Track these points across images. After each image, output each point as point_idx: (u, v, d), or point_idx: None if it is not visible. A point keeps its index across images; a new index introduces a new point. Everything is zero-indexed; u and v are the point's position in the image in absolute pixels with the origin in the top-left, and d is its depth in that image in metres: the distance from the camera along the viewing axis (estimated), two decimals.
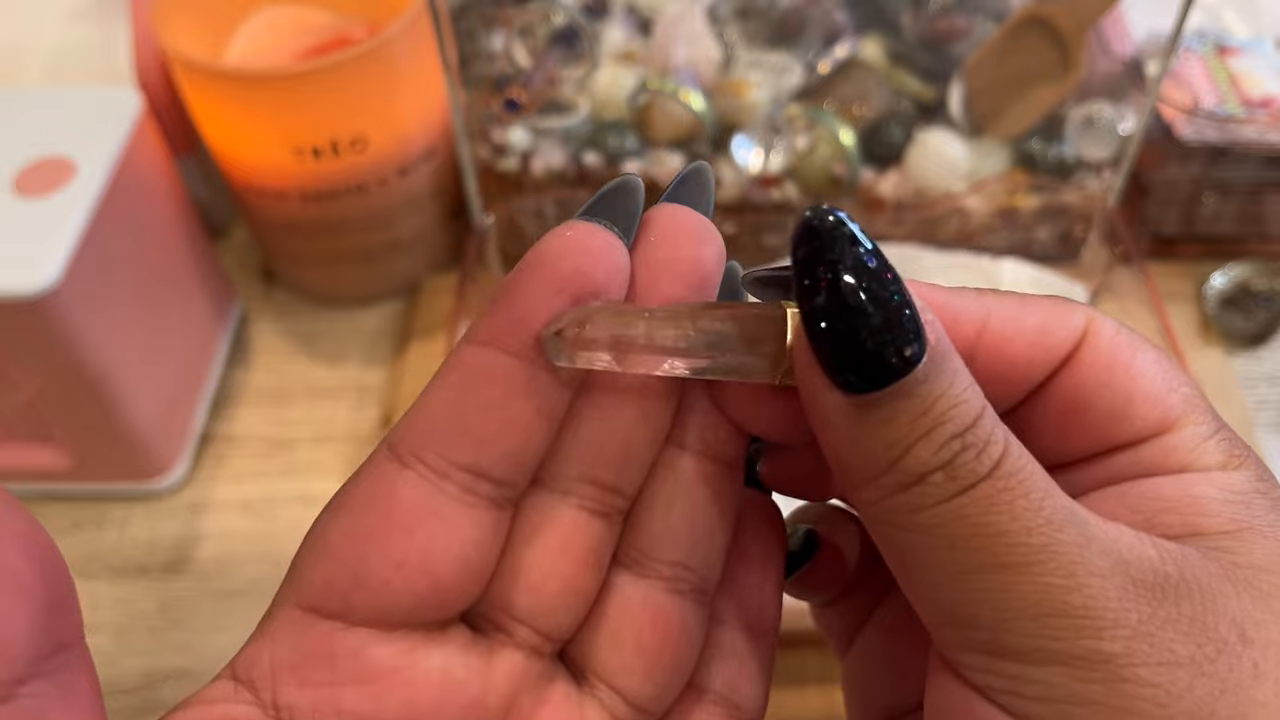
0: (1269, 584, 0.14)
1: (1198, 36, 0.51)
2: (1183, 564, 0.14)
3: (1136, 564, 0.14)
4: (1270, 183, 0.48)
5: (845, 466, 0.15)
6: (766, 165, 0.47)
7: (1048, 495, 0.14)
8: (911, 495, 0.14)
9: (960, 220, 0.48)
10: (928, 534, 0.14)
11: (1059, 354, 0.16)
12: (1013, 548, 0.14)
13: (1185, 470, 0.16)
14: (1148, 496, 0.16)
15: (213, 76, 0.42)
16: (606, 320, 0.16)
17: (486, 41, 0.50)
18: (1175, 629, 0.14)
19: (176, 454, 0.45)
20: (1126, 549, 0.14)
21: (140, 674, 0.40)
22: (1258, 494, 0.16)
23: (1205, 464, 0.16)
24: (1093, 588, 0.14)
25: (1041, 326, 0.16)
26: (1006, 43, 0.46)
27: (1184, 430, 0.16)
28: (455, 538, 0.16)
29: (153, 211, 0.43)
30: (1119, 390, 0.16)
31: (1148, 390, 0.16)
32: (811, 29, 0.49)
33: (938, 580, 0.14)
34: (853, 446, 0.15)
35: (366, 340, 0.50)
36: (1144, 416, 0.16)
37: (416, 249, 0.50)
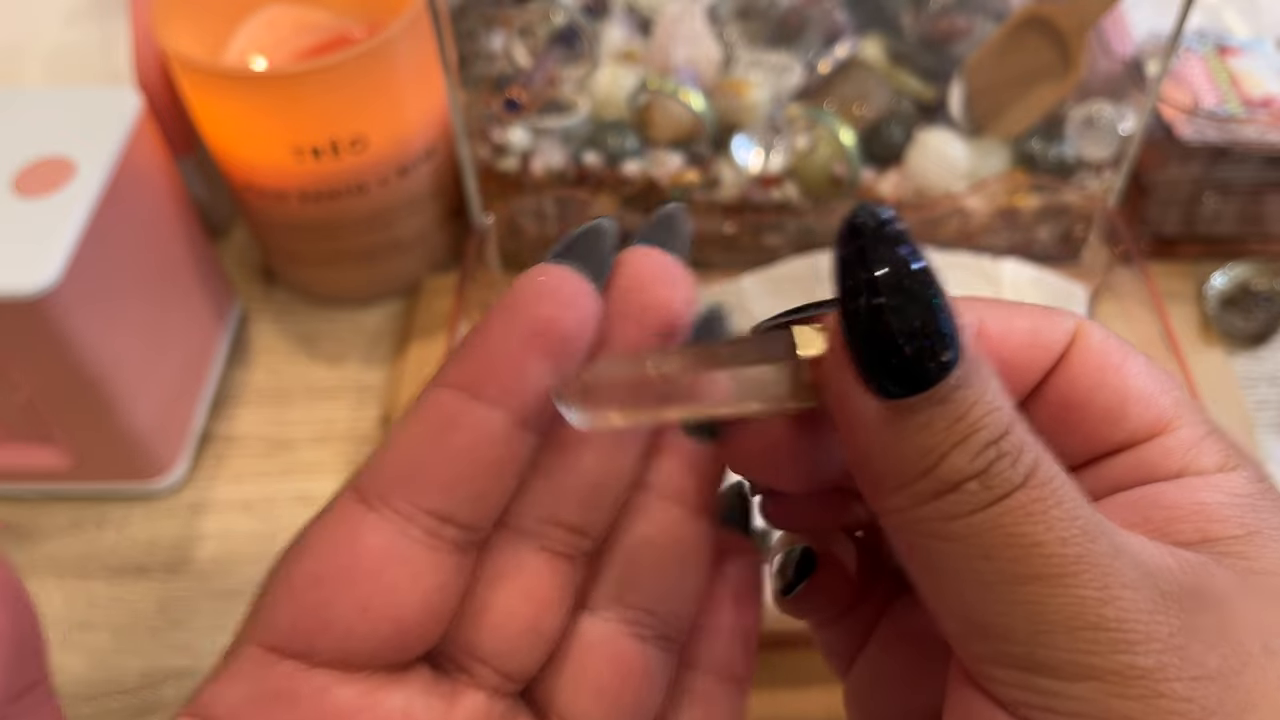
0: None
1: (1198, 36, 0.51)
2: (1201, 574, 0.14)
3: (1162, 575, 0.14)
4: (1271, 183, 0.48)
5: (876, 474, 0.15)
6: (766, 165, 0.47)
7: (1080, 505, 0.14)
8: (945, 503, 0.14)
9: (960, 220, 0.48)
10: (961, 543, 0.14)
11: (1052, 355, 0.16)
12: (1048, 559, 0.14)
13: (1184, 473, 0.16)
14: (1158, 505, 0.16)
15: (212, 76, 0.42)
16: (618, 373, 0.16)
17: (486, 41, 0.50)
18: (1203, 641, 0.14)
19: (176, 454, 0.45)
20: (1150, 560, 0.14)
21: (140, 674, 0.40)
22: (1260, 495, 0.16)
23: (1203, 466, 0.16)
24: (1125, 600, 0.13)
25: (1033, 329, 0.16)
26: (1007, 43, 0.46)
27: (1179, 431, 0.16)
28: (419, 583, 0.16)
29: (153, 211, 0.43)
30: (1113, 391, 0.16)
31: (1140, 391, 0.16)
32: (812, 29, 0.49)
33: (970, 592, 0.14)
34: (885, 453, 0.14)
35: (366, 340, 0.50)
36: (1139, 416, 0.16)
37: (417, 249, 0.50)
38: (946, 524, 0.14)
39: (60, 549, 0.44)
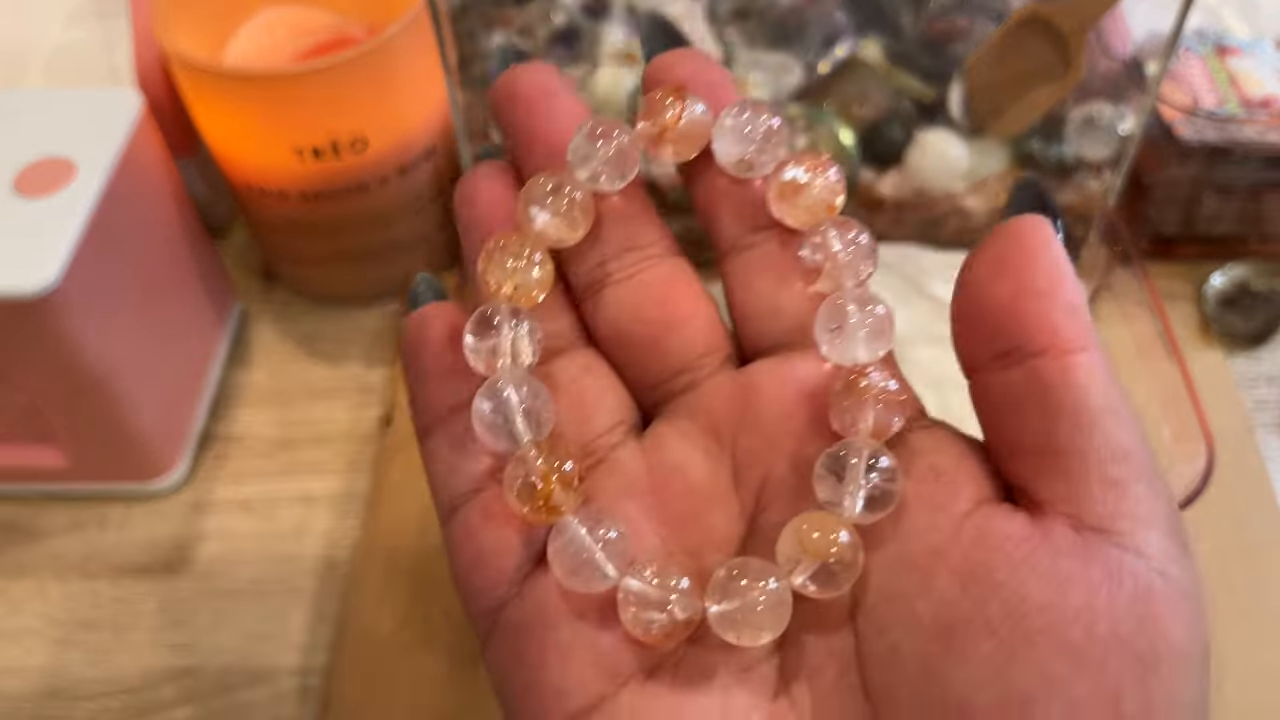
0: None
1: (1197, 37, 0.51)
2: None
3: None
4: (1270, 183, 0.48)
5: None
6: None
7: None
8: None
9: (960, 220, 0.48)
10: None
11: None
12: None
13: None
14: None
15: (213, 77, 0.42)
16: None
17: (486, 42, 0.50)
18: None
19: (176, 454, 0.45)
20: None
21: (139, 674, 0.40)
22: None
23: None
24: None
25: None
26: (1006, 43, 0.46)
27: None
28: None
29: (153, 212, 0.43)
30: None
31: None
32: (811, 29, 0.49)
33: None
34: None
35: (367, 340, 0.51)
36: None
37: (417, 249, 0.50)
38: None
39: (61, 549, 0.44)
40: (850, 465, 0.17)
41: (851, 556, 0.16)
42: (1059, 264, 0.17)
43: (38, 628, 0.41)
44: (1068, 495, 0.16)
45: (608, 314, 0.19)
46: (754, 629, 0.17)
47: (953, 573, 0.16)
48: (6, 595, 0.42)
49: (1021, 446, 0.17)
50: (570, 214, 0.18)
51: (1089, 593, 0.15)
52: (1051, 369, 0.16)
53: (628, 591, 0.17)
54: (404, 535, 0.42)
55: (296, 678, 0.40)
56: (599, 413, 0.19)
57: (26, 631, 0.41)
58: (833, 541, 0.16)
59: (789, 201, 0.19)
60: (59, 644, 0.41)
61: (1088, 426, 0.16)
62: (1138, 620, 0.15)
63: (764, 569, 0.17)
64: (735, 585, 0.17)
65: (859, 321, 0.18)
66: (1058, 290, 0.16)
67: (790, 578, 0.17)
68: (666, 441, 0.19)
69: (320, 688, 0.39)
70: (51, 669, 0.40)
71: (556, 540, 0.17)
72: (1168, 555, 0.16)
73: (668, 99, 0.19)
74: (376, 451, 0.46)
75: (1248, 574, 0.39)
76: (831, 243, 0.18)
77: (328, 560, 0.43)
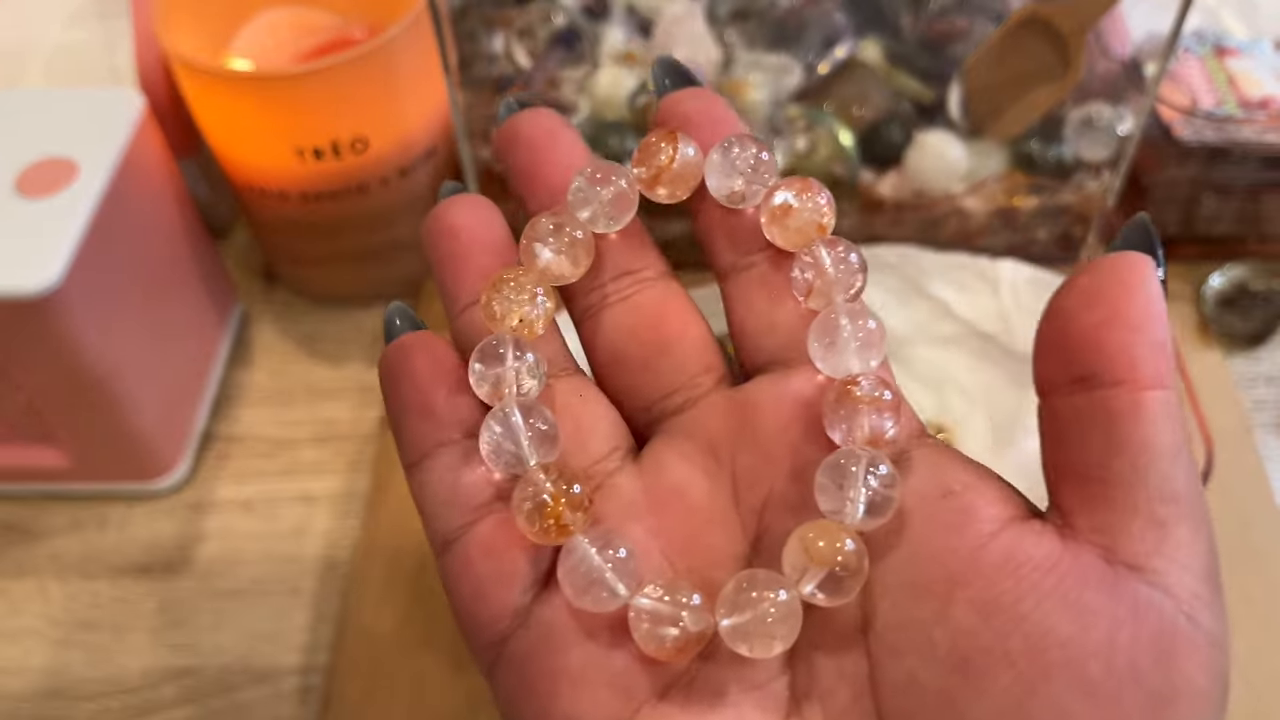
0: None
1: (1196, 37, 0.51)
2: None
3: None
4: (1269, 183, 0.48)
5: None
6: None
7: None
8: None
9: (959, 221, 0.48)
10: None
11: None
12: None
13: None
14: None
15: (214, 77, 0.42)
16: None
17: (487, 43, 0.50)
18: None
19: (178, 454, 0.45)
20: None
21: (140, 674, 0.40)
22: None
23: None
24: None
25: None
26: (1005, 44, 0.46)
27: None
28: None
29: (154, 212, 0.43)
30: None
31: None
32: (811, 30, 0.49)
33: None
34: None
35: (368, 340, 0.51)
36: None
37: (417, 249, 0.50)
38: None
39: (61, 549, 0.44)
40: (850, 473, 0.17)
41: (857, 563, 0.17)
42: (1153, 302, 0.16)
43: (38, 628, 0.41)
44: (1108, 526, 0.16)
45: (604, 335, 0.20)
46: (766, 640, 0.17)
47: (971, 601, 0.16)
48: (6, 595, 0.42)
49: (1076, 472, 0.17)
50: (573, 252, 0.19)
51: (1112, 628, 0.15)
52: (1124, 401, 0.16)
53: (639, 610, 0.17)
54: (404, 535, 0.42)
55: (297, 677, 0.40)
56: (595, 438, 0.19)
57: (27, 632, 0.41)
58: (839, 549, 0.16)
59: (779, 224, 0.19)
60: (59, 644, 0.41)
61: (1146, 464, 0.16)
62: (1157, 658, 0.15)
63: (772, 580, 0.17)
64: (745, 597, 0.17)
65: (850, 334, 0.18)
66: (1146, 326, 0.16)
67: (799, 587, 0.17)
68: (665, 462, 0.19)
69: (321, 687, 0.39)
70: (52, 669, 0.40)
71: (566, 561, 0.17)
72: (1199, 600, 0.16)
73: (661, 143, 0.19)
74: (377, 451, 0.46)
75: (1247, 574, 0.39)
76: (822, 260, 0.19)
77: (328, 560, 0.43)
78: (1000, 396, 0.43)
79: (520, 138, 0.20)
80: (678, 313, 0.20)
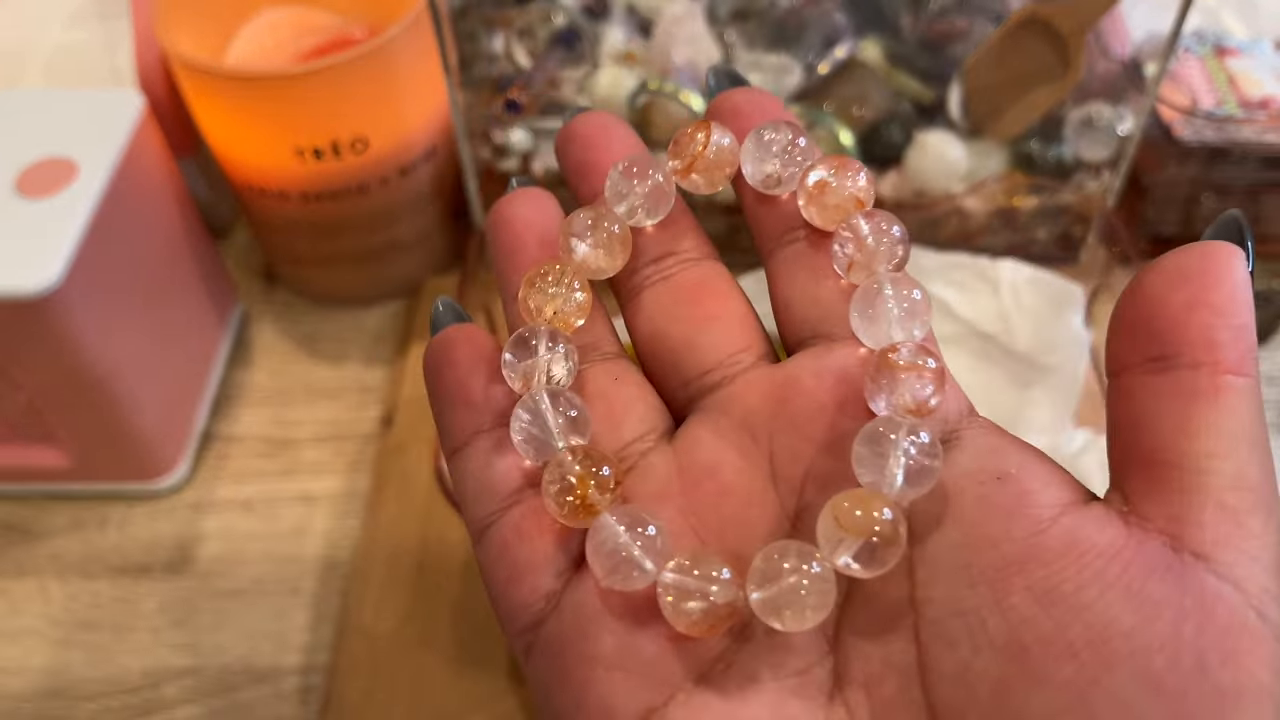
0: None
1: (1196, 37, 0.51)
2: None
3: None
4: (1269, 183, 0.48)
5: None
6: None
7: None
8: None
9: (959, 221, 0.48)
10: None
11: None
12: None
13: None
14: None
15: (214, 78, 0.42)
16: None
17: (487, 43, 0.50)
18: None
19: (178, 454, 0.45)
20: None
21: (141, 674, 0.40)
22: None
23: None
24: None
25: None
26: (1005, 44, 0.46)
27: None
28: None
29: (154, 212, 0.43)
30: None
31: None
32: (811, 30, 0.49)
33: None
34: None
35: (368, 340, 0.51)
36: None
37: (417, 249, 0.50)
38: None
39: (62, 549, 0.44)
40: (889, 440, 0.16)
41: (893, 533, 0.16)
42: (1241, 289, 0.16)
43: (38, 628, 0.41)
44: (1177, 514, 0.15)
45: (645, 315, 0.20)
46: (798, 612, 0.16)
47: (1030, 589, 0.15)
48: (7, 595, 0.42)
49: (1145, 455, 0.16)
50: (610, 245, 0.19)
51: (1178, 620, 0.15)
52: (1204, 383, 0.16)
53: (666, 585, 0.17)
54: (404, 535, 0.42)
55: (297, 677, 0.40)
56: (628, 420, 0.19)
57: (27, 632, 0.41)
58: (875, 519, 0.16)
59: (817, 203, 0.19)
60: (59, 644, 0.41)
61: (1220, 451, 0.15)
62: (1225, 654, 0.14)
63: (804, 551, 0.16)
64: (775, 568, 0.16)
65: (894, 304, 0.18)
66: (1232, 311, 0.16)
67: (833, 557, 0.16)
68: (699, 441, 0.19)
69: (321, 687, 0.39)
70: (52, 669, 0.40)
71: (594, 539, 0.17)
72: (1268, 593, 0.15)
73: (696, 133, 0.20)
74: (376, 451, 0.46)
75: None
76: (861, 232, 0.19)
77: (328, 560, 0.43)
78: (1000, 396, 0.43)
79: (576, 135, 0.21)
80: (718, 290, 0.20)
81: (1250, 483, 0.15)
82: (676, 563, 0.17)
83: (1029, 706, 0.15)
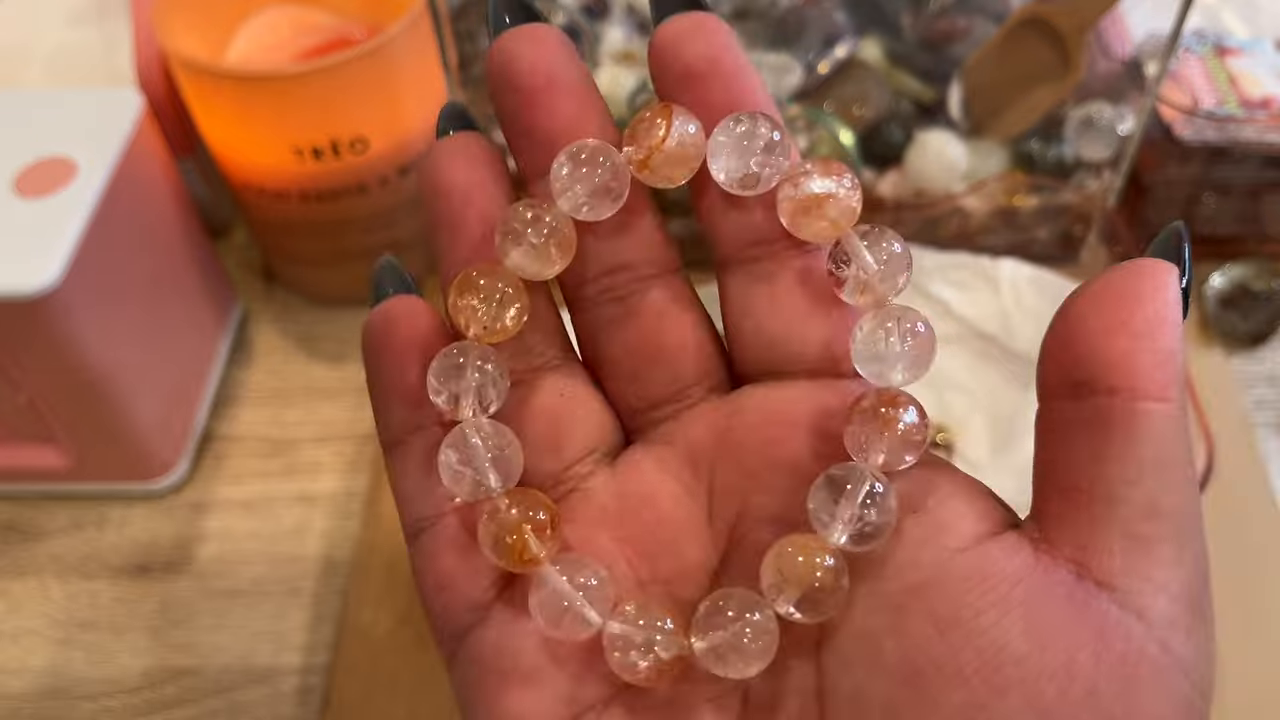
0: None
1: (1197, 37, 0.51)
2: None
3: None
4: (1269, 183, 0.48)
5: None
6: None
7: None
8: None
9: (960, 220, 0.48)
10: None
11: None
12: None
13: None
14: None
15: (213, 77, 0.42)
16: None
17: (487, 43, 0.50)
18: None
19: (177, 454, 0.45)
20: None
21: (140, 674, 0.40)
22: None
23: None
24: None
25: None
26: (1006, 43, 0.46)
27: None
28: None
29: (153, 212, 0.43)
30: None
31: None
32: (811, 30, 0.49)
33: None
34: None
35: None
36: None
37: (417, 249, 0.50)
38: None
39: (61, 549, 0.44)
40: (847, 490, 0.16)
41: (835, 582, 0.16)
42: (1165, 311, 0.15)
43: (38, 628, 0.41)
44: (1084, 542, 0.15)
45: (593, 336, 0.19)
46: (742, 659, 0.16)
47: (929, 613, 0.15)
48: (7, 595, 0.42)
49: (1060, 481, 0.16)
50: (545, 249, 0.17)
51: (1072, 649, 0.14)
52: (1118, 410, 0.15)
53: (612, 638, 0.17)
54: (403, 535, 0.42)
55: (296, 677, 0.40)
56: (571, 441, 0.18)
57: (27, 631, 0.41)
58: (817, 566, 0.16)
59: (811, 215, 0.17)
60: (59, 644, 0.41)
61: (1134, 478, 0.15)
62: (1120, 687, 0.14)
63: (748, 599, 0.16)
64: (721, 617, 0.16)
65: (899, 342, 0.17)
66: (1153, 335, 0.15)
67: (776, 605, 0.16)
68: (641, 469, 0.18)
69: (320, 687, 0.39)
70: (52, 669, 0.40)
71: (538, 592, 0.17)
72: (1174, 625, 0.15)
73: (656, 119, 0.17)
74: (376, 451, 0.46)
75: (1247, 573, 0.39)
76: (860, 253, 0.17)
77: (328, 560, 0.43)
78: (1000, 396, 0.42)
79: (510, 79, 0.17)
80: (677, 321, 0.18)
81: (1164, 511, 0.15)
82: (621, 612, 0.17)
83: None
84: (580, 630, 0.17)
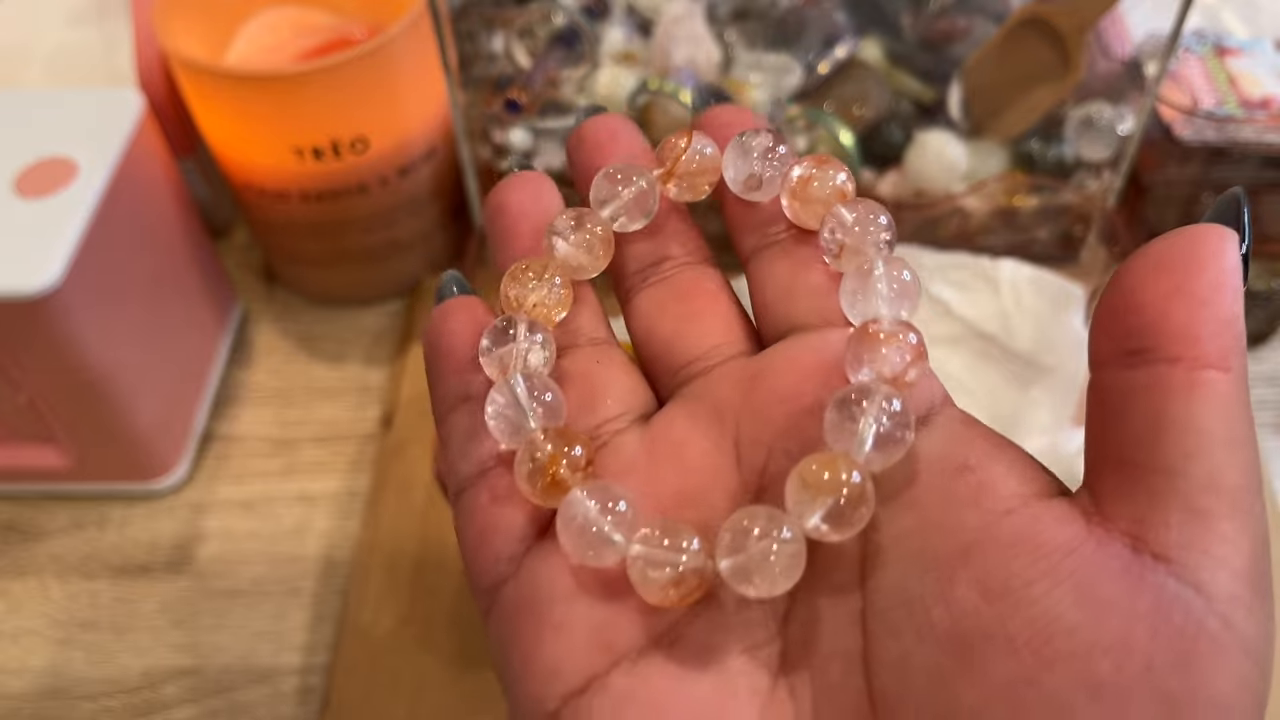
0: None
1: (1197, 37, 0.51)
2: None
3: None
4: (1269, 183, 0.48)
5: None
6: None
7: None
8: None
9: (959, 220, 0.48)
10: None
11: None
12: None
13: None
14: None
15: (214, 77, 0.42)
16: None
17: (487, 42, 0.50)
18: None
19: (177, 454, 0.45)
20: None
21: (140, 674, 0.40)
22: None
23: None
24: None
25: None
26: (1006, 43, 0.46)
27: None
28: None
29: (154, 212, 0.43)
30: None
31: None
32: (811, 30, 0.49)
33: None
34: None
35: (367, 340, 0.51)
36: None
37: (417, 249, 0.50)
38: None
39: (61, 549, 0.44)
40: (861, 406, 0.16)
41: (862, 492, 0.16)
42: (1228, 278, 0.15)
43: (38, 628, 0.41)
44: (1142, 515, 0.15)
45: (639, 314, 0.21)
46: (768, 577, 0.16)
47: (977, 580, 0.15)
48: (7, 595, 0.42)
49: (1116, 453, 0.15)
50: (591, 245, 0.20)
51: (1129, 623, 0.14)
52: (1179, 379, 0.15)
53: (634, 557, 0.17)
54: (404, 535, 0.42)
55: (297, 677, 0.40)
56: (606, 400, 0.19)
57: (27, 631, 0.41)
58: (844, 480, 0.16)
59: (800, 198, 0.19)
60: (59, 644, 0.41)
61: (1194, 450, 0.14)
62: (1177, 661, 0.14)
63: (773, 516, 0.16)
64: (744, 535, 0.16)
65: (885, 284, 0.18)
66: (1216, 301, 0.15)
67: (802, 520, 0.16)
68: (672, 422, 0.19)
69: (320, 687, 0.39)
70: (52, 669, 0.40)
71: (564, 515, 0.17)
72: (1235, 601, 0.14)
73: (679, 141, 0.20)
74: (376, 451, 0.46)
75: None
76: (848, 220, 0.19)
77: (328, 560, 0.43)
78: (1000, 396, 0.42)
79: (585, 139, 0.21)
80: (707, 290, 0.20)
81: (1225, 485, 0.14)
82: (645, 534, 0.17)
83: (960, 701, 0.14)
84: (606, 553, 0.17)
